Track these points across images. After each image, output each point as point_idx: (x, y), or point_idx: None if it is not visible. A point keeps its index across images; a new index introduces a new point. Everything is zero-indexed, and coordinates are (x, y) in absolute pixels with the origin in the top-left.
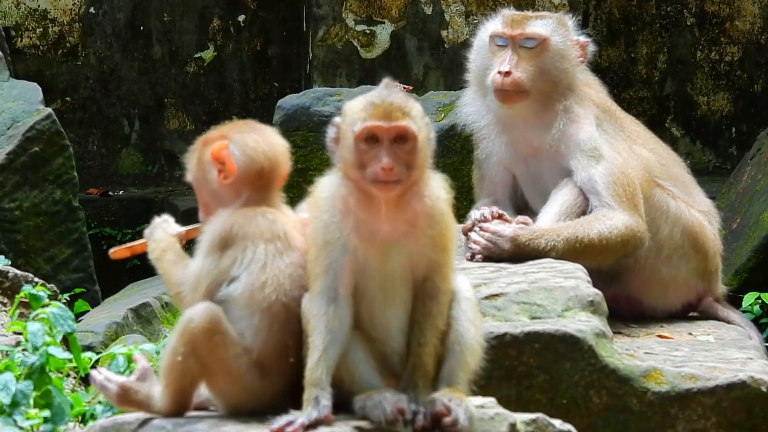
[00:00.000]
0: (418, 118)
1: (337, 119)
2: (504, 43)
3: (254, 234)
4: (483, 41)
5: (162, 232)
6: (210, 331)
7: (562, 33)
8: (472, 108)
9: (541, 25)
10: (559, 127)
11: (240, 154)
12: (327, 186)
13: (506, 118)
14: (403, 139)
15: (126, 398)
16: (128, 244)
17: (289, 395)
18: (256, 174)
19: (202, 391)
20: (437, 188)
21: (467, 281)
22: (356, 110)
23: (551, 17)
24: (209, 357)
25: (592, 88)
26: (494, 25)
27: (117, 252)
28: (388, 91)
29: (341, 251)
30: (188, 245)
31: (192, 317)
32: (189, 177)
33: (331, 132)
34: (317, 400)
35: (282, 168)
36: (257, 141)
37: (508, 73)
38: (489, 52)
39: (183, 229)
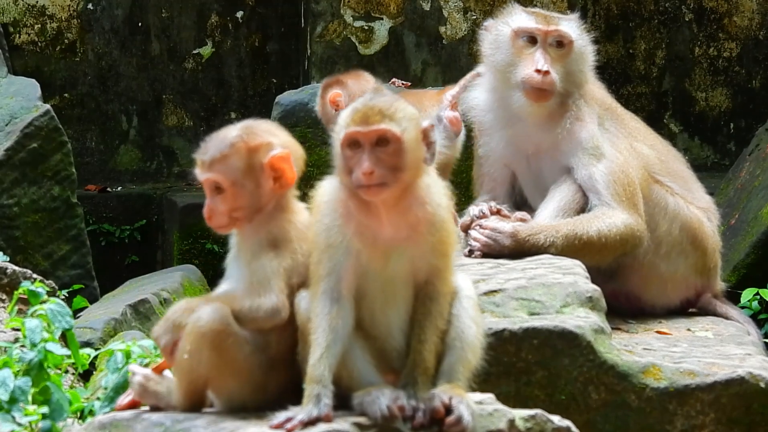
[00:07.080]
0: (403, 120)
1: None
2: (532, 41)
3: (298, 237)
4: (504, 35)
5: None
6: (221, 333)
7: (583, 34)
8: (480, 101)
9: (569, 25)
10: (565, 126)
11: (294, 162)
12: (328, 190)
13: (523, 115)
14: (384, 141)
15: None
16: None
17: (290, 390)
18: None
19: None
20: (439, 195)
21: (469, 280)
22: (343, 118)
23: (573, 18)
24: (220, 359)
25: (594, 86)
26: (521, 20)
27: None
28: (373, 96)
29: (344, 254)
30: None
31: (200, 316)
32: (224, 182)
33: (332, 142)
34: (318, 397)
35: None
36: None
37: (546, 72)
38: (512, 47)
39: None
